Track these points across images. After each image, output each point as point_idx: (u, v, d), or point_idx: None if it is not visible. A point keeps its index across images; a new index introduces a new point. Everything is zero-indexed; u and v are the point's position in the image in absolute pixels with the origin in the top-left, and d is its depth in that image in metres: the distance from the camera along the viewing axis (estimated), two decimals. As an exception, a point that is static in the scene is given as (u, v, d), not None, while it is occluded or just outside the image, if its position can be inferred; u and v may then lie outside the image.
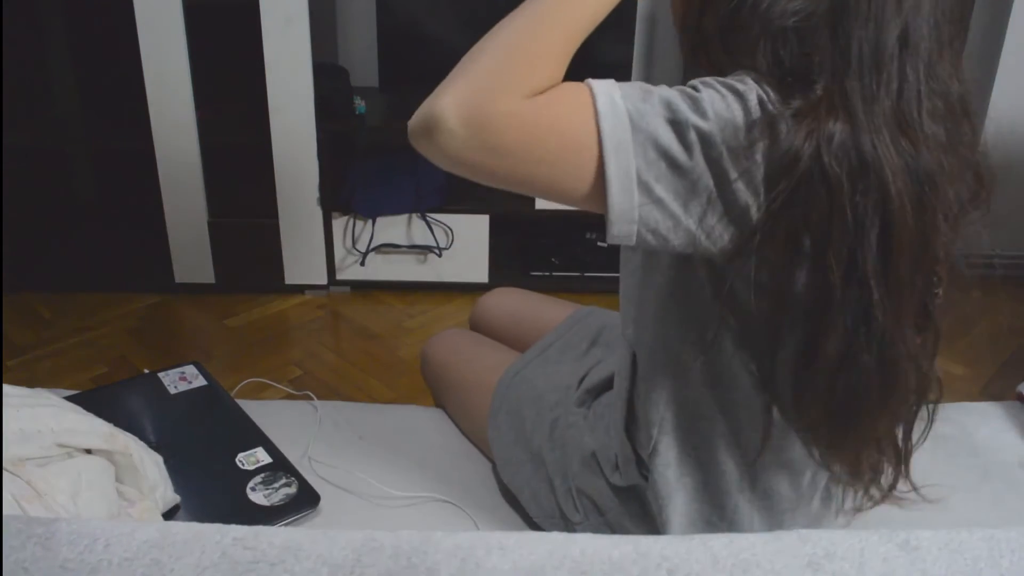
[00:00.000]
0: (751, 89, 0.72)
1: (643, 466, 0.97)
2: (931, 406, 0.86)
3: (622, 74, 2.48)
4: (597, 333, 1.28)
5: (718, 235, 0.74)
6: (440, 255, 2.50)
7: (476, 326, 1.50)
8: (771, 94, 0.72)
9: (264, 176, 2.37)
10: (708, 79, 0.74)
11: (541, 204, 2.47)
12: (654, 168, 0.71)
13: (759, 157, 0.71)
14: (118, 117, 2.49)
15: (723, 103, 0.71)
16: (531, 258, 2.60)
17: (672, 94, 0.72)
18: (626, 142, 0.70)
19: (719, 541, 0.64)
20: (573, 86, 0.73)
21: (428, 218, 2.45)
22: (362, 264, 2.50)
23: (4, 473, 0.88)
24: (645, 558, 0.62)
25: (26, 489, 0.88)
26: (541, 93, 0.71)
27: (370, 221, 2.44)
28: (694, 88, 0.73)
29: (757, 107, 0.71)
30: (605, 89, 0.72)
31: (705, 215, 0.73)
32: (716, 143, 0.70)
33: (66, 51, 2.54)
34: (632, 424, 0.97)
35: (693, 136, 0.70)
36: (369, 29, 2.53)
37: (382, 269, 2.53)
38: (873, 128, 0.71)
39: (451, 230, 2.47)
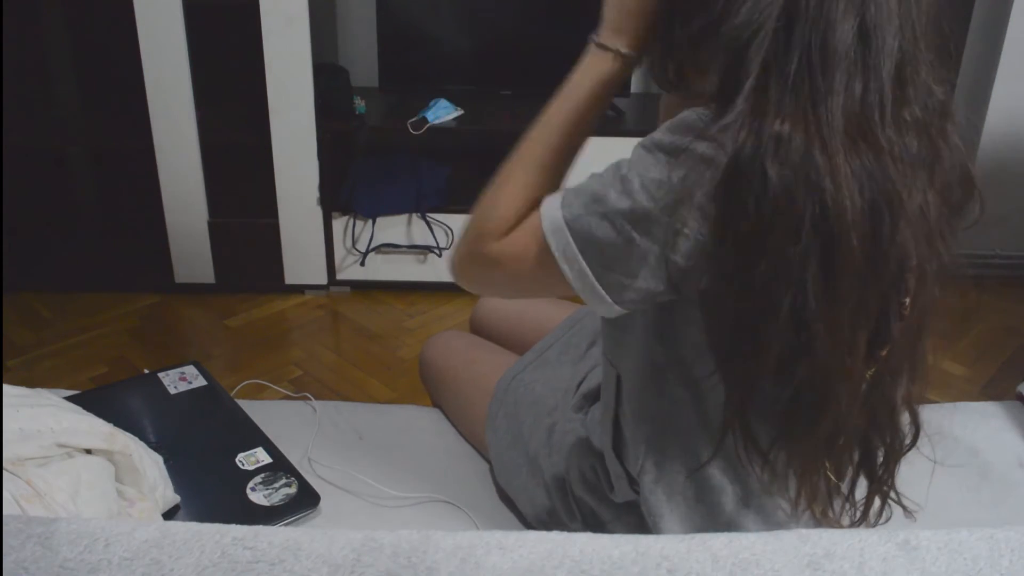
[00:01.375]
0: (691, 135, 0.72)
1: (634, 483, 0.96)
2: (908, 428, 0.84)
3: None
4: (596, 334, 1.28)
5: (690, 278, 0.75)
6: (440, 255, 2.50)
7: (476, 326, 1.50)
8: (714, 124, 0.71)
9: (264, 176, 2.37)
10: (647, 141, 0.76)
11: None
12: (602, 259, 0.77)
13: (704, 194, 0.71)
14: (118, 117, 2.49)
15: (655, 166, 0.74)
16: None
17: (602, 185, 0.77)
18: (571, 249, 0.78)
19: (719, 541, 0.64)
20: (532, 215, 0.83)
21: (428, 218, 2.45)
22: (362, 264, 2.50)
23: (4, 473, 0.88)
24: (645, 557, 0.62)
25: (26, 489, 0.88)
26: (513, 228, 0.84)
27: (370, 221, 2.44)
28: (628, 165, 0.76)
29: (695, 149, 0.71)
30: (551, 207, 0.80)
31: (668, 273, 0.76)
32: (649, 213, 0.73)
33: (66, 51, 2.54)
34: (620, 443, 0.96)
35: (622, 221, 0.75)
36: (369, 29, 2.53)
37: (382, 269, 2.53)
38: (821, 134, 0.68)
39: (451, 230, 2.47)
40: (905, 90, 0.72)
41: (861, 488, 0.88)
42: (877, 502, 0.89)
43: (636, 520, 0.99)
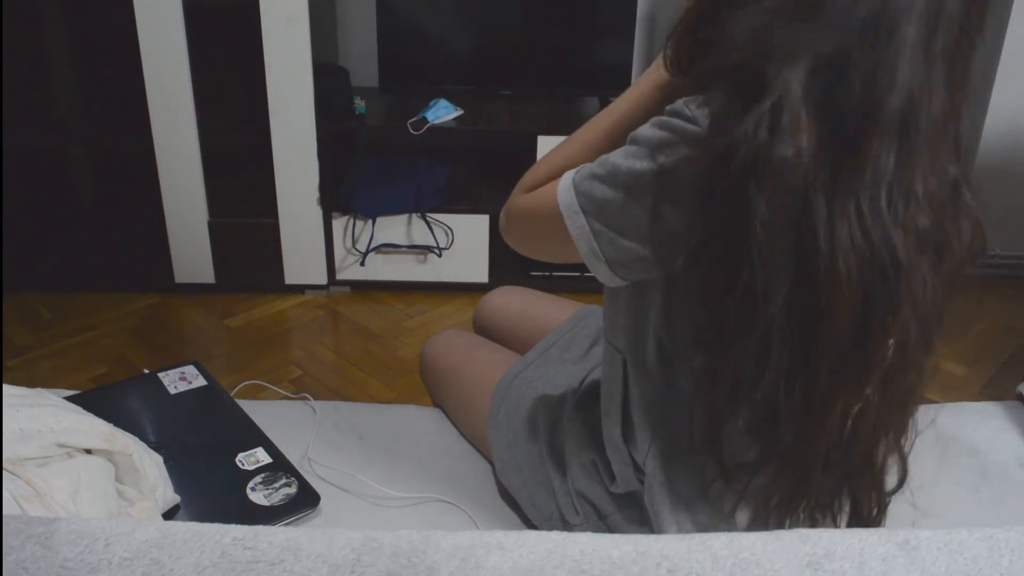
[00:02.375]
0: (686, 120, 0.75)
1: (640, 472, 0.97)
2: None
3: (622, 74, 2.48)
4: (598, 333, 1.28)
5: (673, 252, 0.77)
6: (440, 255, 2.50)
7: (480, 324, 1.50)
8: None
9: (264, 176, 2.37)
10: (658, 117, 0.79)
11: (541, 204, 2.47)
12: (599, 216, 0.82)
13: (689, 172, 0.73)
14: (118, 117, 2.49)
15: (657, 138, 0.77)
16: (531, 258, 2.60)
17: (614, 153, 0.82)
18: (573, 205, 0.84)
19: (719, 540, 0.64)
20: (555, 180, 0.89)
21: (428, 218, 2.45)
22: (362, 264, 2.50)
23: (4, 473, 0.88)
24: (645, 557, 0.62)
25: (26, 489, 0.88)
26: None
27: (370, 221, 2.44)
28: (636, 134, 0.81)
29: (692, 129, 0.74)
30: (569, 172, 0.87)
31: (653, 239, 0.78)
32: (645, 175, 0.77)
33: (66, 51, 2.54)
34: (628, 430, 0.97)
35: (622, 180, 0.79)
36: (369, 29, 2.53)
37: (382, 269, 2.53)
38: (828, 207, 0.68)
39: (451, 230, 2.47)
40: (929, 166, 0.71)
41: None
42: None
43: (637, 512, 1.00)
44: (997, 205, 2.64)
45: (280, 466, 1.19)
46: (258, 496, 1.14)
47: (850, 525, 0.87)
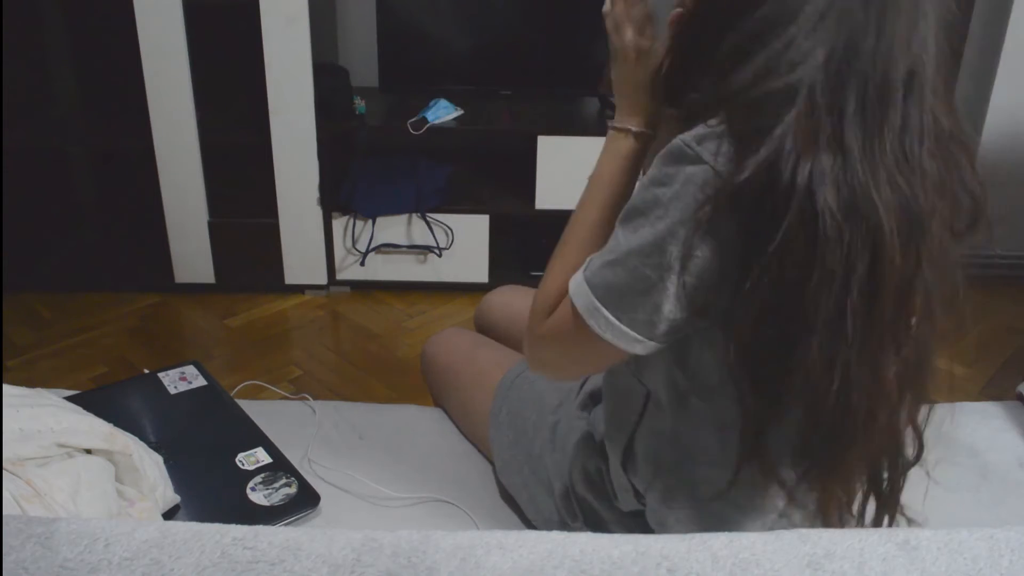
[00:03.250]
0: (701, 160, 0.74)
1: (641, 497, 0.96)
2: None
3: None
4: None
5: (711, 301, 0.76)
6: (440, 255, 2.50)
7: (481, 323, 1.50)
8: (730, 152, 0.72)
9: (264, 176, 2.37)
10: (644, 178, 0.78)
11: (541, 204, 2.47)
12: (622, 303, 0.79)
13: (711, 216, 0.72)
14: (118, 117, 2.49)
15: (653, 200, 0.76)
16: (531, 258, 2.60)
17: (614, 236, 0.80)
18: (591, 303, 0.80)
19: (719, 540, 0.64)
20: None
21: (428, 218, 2.45)
22: (362, 264, 2.50)
23: (4, 473, 0.88)
24: (645, 557, 0.62)
25: (26, 489, 0.88)
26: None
27: (370, 221, 2.44)
28: (631, 206, 0.79)
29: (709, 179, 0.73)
30: (577, 273, 0.84)
31: (688, 297, 0.76)
32: (657, 244, 0.75)
33: (66, 51, 2.54)
34: (630, 461, 0.96)
35: (634, 259, 0.77)
36: (369, 29, 2.53)
37: (382, 269, 2.53)
38: (871, 166, 0.71)
39: (451, 230, 2.47)
40: (935, 122, 0.74)
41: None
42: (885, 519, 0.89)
43: (639, 524, 0.99)
44: (997, 205, 2.63)
45: (280, 466, 1.19)
46: (258, 496, 1.14)
47: (865, 501, 0.86)
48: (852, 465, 0.81)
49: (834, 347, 0.73)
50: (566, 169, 2.38)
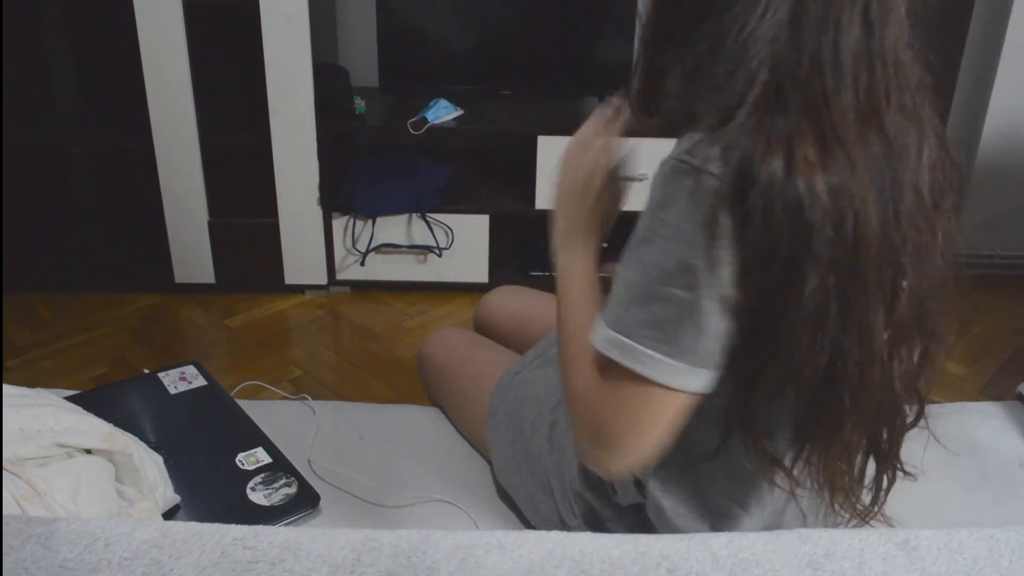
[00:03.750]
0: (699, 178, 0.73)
1: (642, 488, 0.96)
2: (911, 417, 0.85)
3: (622, 74, 2.48)
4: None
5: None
6: (440, 255, 2.50)
7: (480, 323, 1.50)
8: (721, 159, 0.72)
9: (264, 176, 2.37)
10: (646, 208, 0.76)
11: (541, 204, 2.47)
12: (665, 337, 0.74)
13: (712, 216, 0.71)
14: (118, 117, 2.49)
15: (662, 222, 0.74)
16: (531, 258, 2.60)
17: (623, 279, 0.77)
18: (629, 346, 0.75)
19: (719, 540, 0.64)
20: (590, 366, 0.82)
21: (428, 218, 2.45)
22: (362, 264, 2.50)
23: (4, 473, 0.88)
24: (645, 557, 0.62)
25: (26, 489, 0.88)
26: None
27: (370, 221, 2.44)
28: (637, 239, 0.77)
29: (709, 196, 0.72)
30: (594, 333, 0.79)
31: (730, 306, 0.74)
32: (683, 264, 0.72)
33: (66, 51, 2.55)
34: None
35: (664, 289, 0.73)
36: (369, 29, 2.53)
37: (382, 269, 2.53)
38: (836, 129, 0.71)
39: (451, 230, 2.47)
40: (900, 77, 0.75)
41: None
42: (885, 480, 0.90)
43: (638, 520, 0.99)
44: (997, 205, 2.64)
45: (280, 466, 1.19)
46: (258, 496, 1.14)
47: (865, 461, 0.86)
48: (849, 438, 0.80)
49: (820, 318, 0.73)
50: (566, 169, 2.38)
